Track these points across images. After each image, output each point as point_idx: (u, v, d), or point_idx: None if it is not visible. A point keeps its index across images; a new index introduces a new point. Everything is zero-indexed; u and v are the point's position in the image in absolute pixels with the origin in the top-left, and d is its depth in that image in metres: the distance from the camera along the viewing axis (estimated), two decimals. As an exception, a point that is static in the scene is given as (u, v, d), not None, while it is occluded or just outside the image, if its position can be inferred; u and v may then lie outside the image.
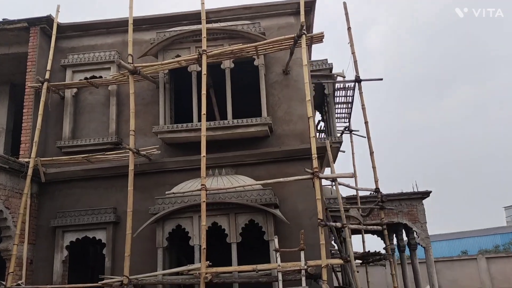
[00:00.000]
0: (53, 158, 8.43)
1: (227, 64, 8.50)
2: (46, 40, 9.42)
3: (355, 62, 9.23)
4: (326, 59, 10.33)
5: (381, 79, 9.37)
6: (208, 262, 7.12)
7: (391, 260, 8.56)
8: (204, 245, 6.82)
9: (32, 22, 9.25)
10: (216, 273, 6.82)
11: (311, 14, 9.36)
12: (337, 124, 13.47)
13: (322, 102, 11.09)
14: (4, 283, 7.67)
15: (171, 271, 7.27)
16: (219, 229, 7.68)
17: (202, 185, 7.11)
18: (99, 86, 8.98)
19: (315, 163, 6.87)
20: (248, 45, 7.80)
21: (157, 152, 8.33)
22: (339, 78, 10.48)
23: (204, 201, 7.03)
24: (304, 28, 7.45)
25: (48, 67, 8.74)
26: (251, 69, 8.80)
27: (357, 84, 9.10)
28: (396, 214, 15.00)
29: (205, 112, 7.39)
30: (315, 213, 8.07)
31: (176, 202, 7.79)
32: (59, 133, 9.06)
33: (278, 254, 6.78)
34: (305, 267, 6.48)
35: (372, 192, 9.43)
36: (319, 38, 7.87)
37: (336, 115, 12.45)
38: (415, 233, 14.79)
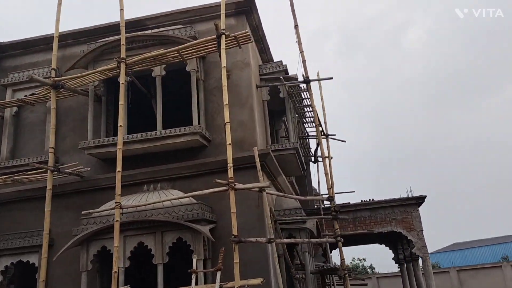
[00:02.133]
0: (-21, 180, 8.14)
1: (158, 71, 8.00)
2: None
3: (304, 61, 8.49)
4: (281, 61, 9.65)
5: (331, 78, 8.60)
6: (128, 286, 6.62)
7: (346, 275, 7.67)
8: (115, 269, 6.26)
9: (-29, 42, 9.10)
10: (129, 299, 6.24)
11: (252, 14, 8.76)
12: (311, 129, 12.73)
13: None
14: None
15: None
16: (145, 249, 7.11)
17: (116, 203, 6.57)
18: (33, 103, 8.67)
19: (230, 173, 6.21)
20: (170, 49, 7.26)
21: (86, 169, 7.89)
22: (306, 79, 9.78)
23: (117, 220, 6.49)
24: (223, 28, 6.86)
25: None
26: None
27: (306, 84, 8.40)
28: (389, 222, 13.95)
29: (121, 124, 6.89)
30: (254, 227, 7.43)
31: (101, 222, 7.29)
32: (-2, 153, 8.81)
33: (194, 275, 6.13)
34: (218, 290, 5.79)
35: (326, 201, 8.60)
36: (246, 38, 7.23)
37: (306, 119, 11.73)
38: (411, 242, 13.69)
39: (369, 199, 15.10)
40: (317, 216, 8.63)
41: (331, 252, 21.52)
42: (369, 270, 39.99)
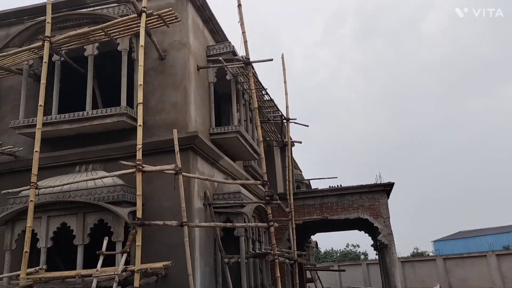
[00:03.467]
0: None
1: (90, 51, 7.86)
2: None
3: (245, 42, 8.27)
4: (229, 42, 9.43)
5: (271, 60, 8.39)
6: (45, 266, 6.65)
7: (275, 260, 7.56)
8: (26, 249, 6.23)
9: None
10: (37, 278, 6.23)
11: (195, -8, 8.54)
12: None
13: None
14: None
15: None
16: (68, 230, 7.09)
17: (32, 183, 6.52)
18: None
19: (138, 155, 6.11)
20: (94, 27, 7.11)
21: (18, 149, 7.85)
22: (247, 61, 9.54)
23: (32, 200, 6.45)
24: (144, 6, 6.67)
25: None
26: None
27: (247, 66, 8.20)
28: (356, 208, 13.80)
29: (42, 104, 6.80)
30: (179, 211, 7.35)
31: (27, 202, 7.25)
32: None
33: (101, 257, 6.08)
34: (119, 272, 5.73)
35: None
36: (172, 17, 7.04)
37: (266, 102, 11.53)
38: (377, 229, 13.53)
39: (337, 185, 14.96)
40: (252, 201, 8.49)
41: (310, 238, 21.53)
42: (362, 256, 39.98)
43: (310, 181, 25.83)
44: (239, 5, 8.38)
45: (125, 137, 7.91)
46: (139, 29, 7.23)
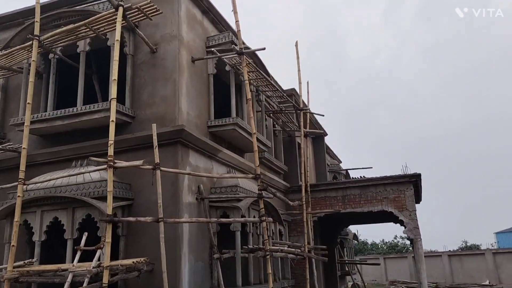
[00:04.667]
0: None
1: (82, 47, 7.94)
2: None
3: (239, 31, 8.02)
4: (228, 32, 9.18)
5: (264, 49, 8.05)
6: (35, 259, 6.86)
7: (266, 255, 7.30)
8: (13, 243, 6.43)
9: None
10: (24, 271, 6.41)
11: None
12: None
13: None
14: None
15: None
16: (59, 224, 7.25)
17: (19, 179, 6.69)
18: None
19: (110, 151, 6.07)
20: (78, 24, 7.15)
21: (18, 146, 8.11)
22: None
23: (19, 196, 6.62)
24: (121, 0, 6.59)
25: None
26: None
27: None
28: (380, 200, 13.16)
29: (30, 101, 6.94)
30: (169, 204, 7.31)
31: (24, 197, 7.50)
32: None
33: (79, 252, 6.15)
34: (91, 268, 5.75)
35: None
36: (153, 10, 6.92)
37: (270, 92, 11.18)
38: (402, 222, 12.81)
39: (360, 176, 14.33)
40: (247, 196, 8.25)
41: (343, 230, 20.89)
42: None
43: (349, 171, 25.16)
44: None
45: (119, 132, 7.89)
46: (125, 23, 7.21)
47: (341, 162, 27.49)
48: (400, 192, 12.96)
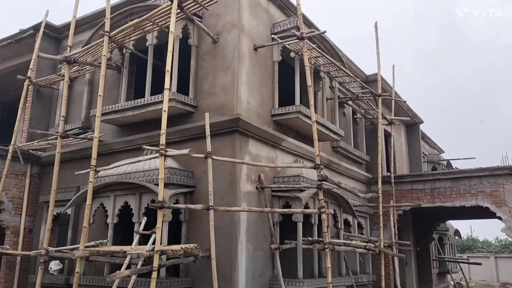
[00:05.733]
0: (27, 143, 9.82)
1: (150, 41, 8.32)
2: (48, 41, 10.91)
3: (300, 15, 7.75)
4: (294, 17, 8.90)
5: (325, 32, 7.63)
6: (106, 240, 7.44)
7: (325, 249, 7.01)
8: (85, 224, 7.04)
9: (36, 28, 10.79)
10: (95, 251, 6.99)
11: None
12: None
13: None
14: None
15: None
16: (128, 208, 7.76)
17: (91, 165, 7.28)
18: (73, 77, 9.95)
19: (162, 139, 6.28)
20: (141, 18, 7.48)
21: (90, 134, 8.83)
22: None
23: (91, 181, 7.22)
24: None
25: (31, 66, 10.05)
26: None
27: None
28: (474, 195, 11.88)
29: (101, 94, 7.47)
30: (226, 193, 7.41)
31: (99, 183, 8.16)
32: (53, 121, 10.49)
33: (137, 236, 6.51)
34: (144, 252, 6.05)
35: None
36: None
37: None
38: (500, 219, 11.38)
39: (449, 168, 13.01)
40: (309, 186, 7.96)
41: (440, 225, 19.27)
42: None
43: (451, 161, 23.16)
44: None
45: (182, 122, 8.21)
46: (183, 15, 7.39)
47: (443, 152, 25.41)
48: (498, 186, 11.58)
